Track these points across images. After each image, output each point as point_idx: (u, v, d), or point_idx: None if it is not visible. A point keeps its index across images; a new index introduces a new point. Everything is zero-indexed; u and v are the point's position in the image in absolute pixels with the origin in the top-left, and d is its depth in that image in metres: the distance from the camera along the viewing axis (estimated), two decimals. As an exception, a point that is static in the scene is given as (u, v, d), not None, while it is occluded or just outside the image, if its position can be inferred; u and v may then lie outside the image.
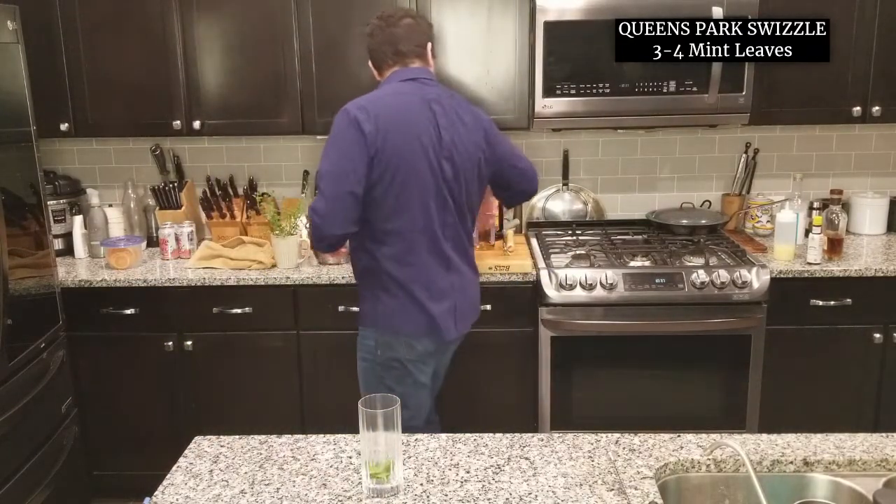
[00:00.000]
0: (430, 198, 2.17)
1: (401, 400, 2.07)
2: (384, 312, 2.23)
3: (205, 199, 3.22)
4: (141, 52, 2.98)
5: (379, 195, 2.13)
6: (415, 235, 2.17)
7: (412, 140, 2.13)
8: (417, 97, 2.19)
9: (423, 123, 2.16)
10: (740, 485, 1.50)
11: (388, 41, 2.26)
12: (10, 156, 2.45)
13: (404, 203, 2.15)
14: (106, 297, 2.89)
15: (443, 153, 2.18)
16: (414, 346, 2.24)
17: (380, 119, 2.10)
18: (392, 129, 2.11)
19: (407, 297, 2.20)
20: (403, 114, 2.15)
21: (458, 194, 2.23)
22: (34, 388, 2.46)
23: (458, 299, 2.28)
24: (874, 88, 2.95)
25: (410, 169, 2.13)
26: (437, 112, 2.18)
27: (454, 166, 2.20)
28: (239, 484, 1.48)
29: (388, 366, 2.26)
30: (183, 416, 2.98)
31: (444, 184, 2.19)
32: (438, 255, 2.21)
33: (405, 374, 2.27)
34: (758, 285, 2.76)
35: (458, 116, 2.23)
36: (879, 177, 3.37)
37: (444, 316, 2.23)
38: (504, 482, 1.47)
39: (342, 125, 2.12)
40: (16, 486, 2.31)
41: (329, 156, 2.13)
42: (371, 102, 2.16)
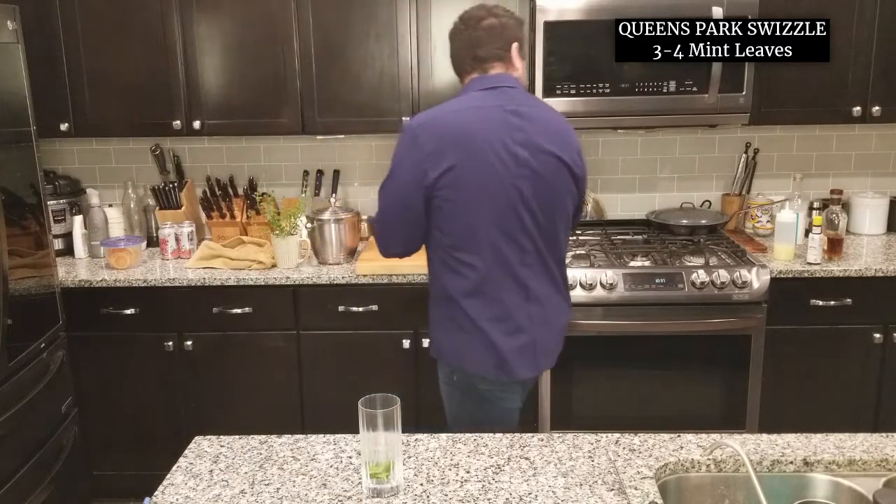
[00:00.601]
0: (503, 221, 1.92)
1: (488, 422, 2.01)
2: (449, 348, 2.02)
3: (205, 199, 3.22)
4: (141, 52, 2.98)
5: (445, 219, 1.92)
6: (485, 264, 1.93)
7: (482, 159, 1.89)
8: (494, 109, 1.94)
9: (497, 139, 1.90)
10: (740, 485, 1.50)
11: (467, 46, 2.06)
12: (10, 156, 2.45)
13: (473, 228, 1.91)
14: (106, 297, 2.89)
15: (520, 171, 1.91)
16: (487, 379, 2.01)
17: (444, 136, 1.89)
18: (459, 148, 1.88)
19: (474, 333, 1.96)
20: (474, 129, 1.91)
21: (538, 216, 1.95)
22: (34, 388, 2.46)
23: (539, 333, 2.00)
24: (874, 88, 2.95)
25: (480, 191, 1.89)
26: (514, 125, 1.92)
27: (533, 185, 1.93)
28: (239, 484, 1.48)
29: (467, 391, 2.04)
30: (183, 416, 2.98)
31: (521, 205, 1.92)
32: (514, 285, 1.95)
33: (486, 400, 2.04)
34: (758, 285, 2.76)
35: (541, 128, 1.96)
36: (879, 177, 3.37)
37: (517, 354, 1.97)
38: (504, 482, 1.47)
39: (403, 141, 1.94)
40: (16, 486, 2.31)
41: (390, 171, 1.96)
42: (436, 118, 1.95)
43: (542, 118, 2.00)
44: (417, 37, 2.94)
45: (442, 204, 1.91)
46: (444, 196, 1.90)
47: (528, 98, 2.04)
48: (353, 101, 3.00)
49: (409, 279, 2.84)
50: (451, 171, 1.88)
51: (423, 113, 2.00)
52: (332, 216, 2.98)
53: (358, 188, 3.43)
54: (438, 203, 1.91)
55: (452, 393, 2.10)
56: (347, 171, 3.39)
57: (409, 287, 2.85)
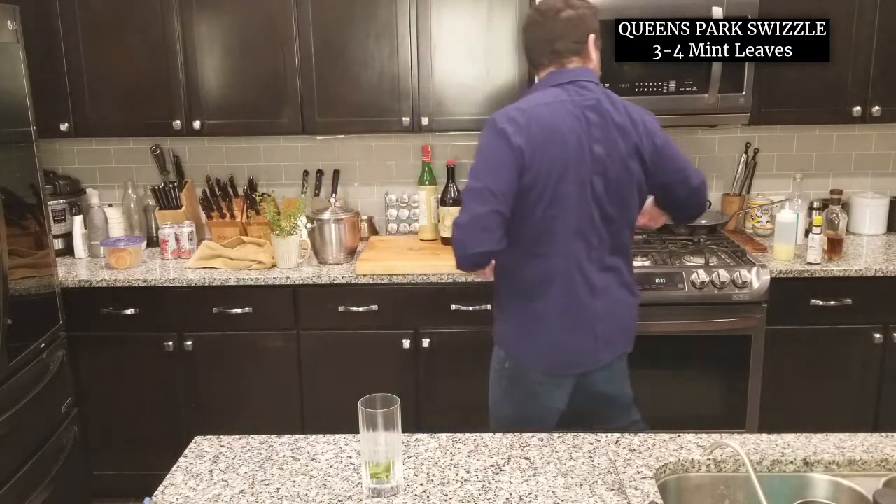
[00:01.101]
0: (575, 217, 1.95)
1: (525, 416, 2.09)
2: (510, 338, 2.09)
3: (205, 199, 3.22)
4: (141, 52, 2.98)
5: (523, 209, 1.93)
6: (554, 257, 1.97)
7: (562, 155, 1.91)
8: (571, 105, 1.95)
9: (574, 135, 1.92)
10: (740, 485, 1.50)
11: (545, 38, 2.00)
12: (10, 156, 2.45)
13: (547, 223, 1.94)
14: (106, 297, 2.89)
15: (595, 168, 1.94)
16: (538, 370, 2.07)
17: (531, 132, 1.90)
18: (543, 143, 1.90)
19: (537, 325, 2.02)
20: (553, 125, 1.92)
21: (610, 212, 1.99)
22: (34, 388, 2.46)
23: (602, 327, 2.04)
24: (874, 88, 2.95)
25: (558, 187, 1.92)
26: (591, 121, 1.94)
27: (607, 182, 1.96)
28: (239, 484, 1.48)
29: (515, 381, 2.11)
30: (183, 416, 2.98)
31: (593, 202, 1.96)
32: (581, 281, 1.99)
33: (532, 394, 2.09)
34: (758, 285, 2.76)
35: (616, 125, 1.97)
36: (879, 177, 3.37)
37: (577, 346, 2.03)
38: (504, 482, 1.47)
39: (490, 138, 1.92)
40: (16, 486, 2.31)
41: (475, 170, 1.92)
42: (522, 112, 1.93)
43: (618, 113, 1.99)
44: (417, 37, 2.94)
45: (527, 200, 1.92)
46: (532, 193, 1.92)
47: (604, 93, 2.02)
48: (353, 101, 3.00)
49: (409, 279, 2.84)
50: (534, 166, 1.90)
51: (506, 109, 1.97)
52: (332, 216, 2.98)
53: (358, 188, 3.43)
54: (525, 200, 1.92)
55: (500, 381, 2.15)
56: (347, 171, 3.39)
57: (409, 287, 2.85)
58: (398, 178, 3.41)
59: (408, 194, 3.39)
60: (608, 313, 2.05)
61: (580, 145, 1.93)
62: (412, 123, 3.01)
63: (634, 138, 1.99)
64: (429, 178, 3.20)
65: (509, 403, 2.14)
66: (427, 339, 2.89)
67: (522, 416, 2.10)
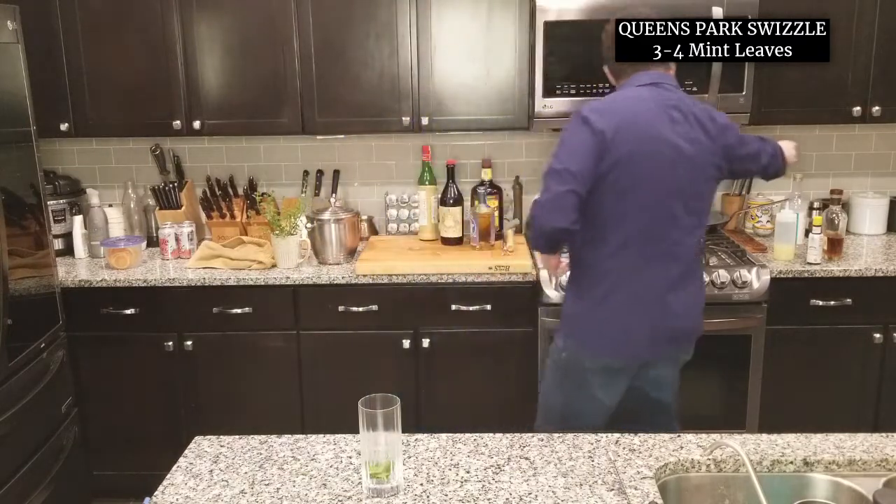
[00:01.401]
0: (656, 208, 2.05)
1: (573, 409, 2.18)
2: (575, 317, 2.18)
3: (205, 199, 3.22)
4: (141, 52, 2.98)
5: (601, 196, 2.03)
6: (632, 247, 2.06)
7: (646, 146, 2.02)
8: (656, 102, 2.08)
9: (661, 130, 2.04)
10: (740, 485, 1.50)
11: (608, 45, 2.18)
12: (10, 156, 2.45)
13: (625, 209, 2.04)
14: (106, 297, 2.89)
15: (679, 161, 2.05)
16: (597, 357, 2.14)
17: (614, 121, 2.01)
18: (626, 133, 2.01)
19: (603, 305, 2.11)
20: (640, 118, 2.04)
21: (689, 206, 2.09)
22: (34, 388, 2.46)
23: (668, 319, 2.13)
24: (874, 88, 2.95)
25: (642, 178, 2.02)
26: (675, 119, 2.06)
27: (690, 175, 2.07)
28: (239, 484, 1.48)
29: (569, 372, 2.20)
30: (183, 416, 2.98)
31: (676, 193, 2.06)
32: (656, 269, 2.09)
33: (584, 384, 2.17)
34: (758, 285, 2.76)
35: (698, 123, 2.09)
36: (879, 177, 3.37)
37: (640, 333, 2.11)
38: (504, 482, 1.47)
39: (573, 126, 2.05)
40: (16, 486, 2.31)
41: (557, 154, 2.04)
42: (606, 105, 2.08)
43: (698, 112, 2.12)
44: (417, 37, 2.94)
45: (606, 187, 2.02)
46: (611, 180, 2.02)
47: (685, 96, 2.16)
48: (353, 101, 3.00)
49: (409, 279, 2.84)
50: (621, 157, 2.00)
51: (593, 102, 2.09)
52: (332, 216, 2.98)
53: (358, 188, 3.43)
54: (603, 187, 2.02)
55: (556, 370, 2.26)
56: (347, 171, 3.39)
57: (409, 287, 2.85)
58: (398, 178, 3.41)
59: (408, 194, 3.39)
60: (678, 309, 2.14)
61: (663, 140, 2.04)
62: (412, 123, 3.01)
63: (713, 136, 2.11)
64: (429, 178, 3.20)
65: (560, 395, 2.23)
66: (427, 339, 2.89)
67: (571, 408, 2.20)
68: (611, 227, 2.07)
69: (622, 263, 2.08)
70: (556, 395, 2.26)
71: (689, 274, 2.16)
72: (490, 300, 2.85)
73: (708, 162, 2.11)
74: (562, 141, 2.05)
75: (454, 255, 3.00)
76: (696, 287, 2.21)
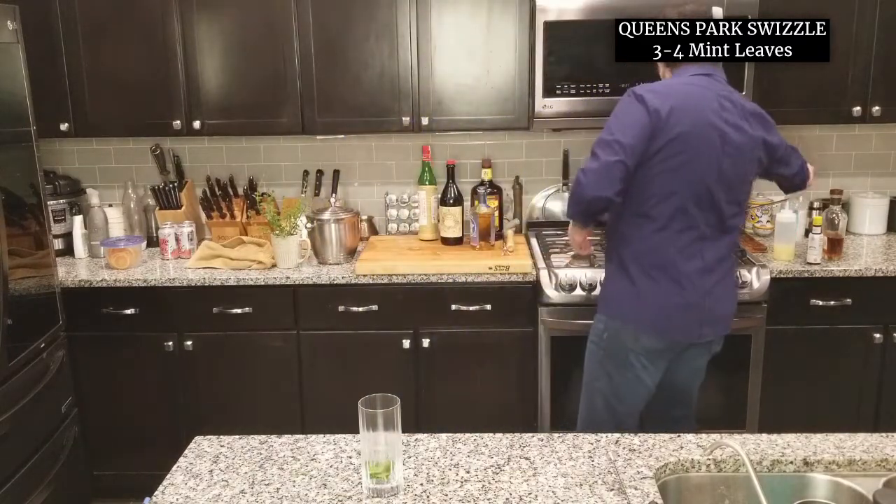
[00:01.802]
0: (700, 192, 2.11)
1: (617, 391, 2.23)
2: (617, 296, 2.22)
3: (205, 199, 3.22)
4: (141, 52, 2.98)
5: (648, 174, 2.10)
6: (674, 229, 2.12)
7: (698, 129, 2.09)
8: (709, 90, 2.15)
9: (713, 116, 2.11)
10: (740, 485, 1.50)
11: None
12: (10, 156, 2.45)
13: (671, 189, 2.10)
14: (106, 297, 2.89)
15: (726, 149, 2.12)
16: (639, 338, 2.19)
17: (669, 102, 2.07)
18: (679, 114, 2.07)
19: (646, 285, 2.16)
20: (694, 103, 2.11)
21: (731, 193, 2.16)
22: (34, 388, 2.46)
23: (710, 303, 2.18)
24: (874, 88, 2.95)
25: (689, 156, 2.08)
26: (727, 108, 2.13)
27: (734, 163, 2.14)
28: (239, 484, 1.48)
29: (611, 353, 2.24)
30: (183, 416, 2.98)
31: (719, 180, 2.12)
32: (695, 251, 2.15)
33: (626, 364, 2.22)
34: (758, 285, 2.76)
35: (746, 115, 2.18)
36: (879, 177, 3.37)
37: (681, 313, 2.17)
38: (504, 482, 1.47)
39: (627, 101, 2.12)
40: (16, 486, 2.31)
41: (609, 126, 2.10)
42: (662, 86, 2.17)
43: (746, 106, 2.21)
44: (417, 37, 2.94)
45: (654, 166, 2.08)
46: (660, 159, 2.08)
47: (733, 90, 2.23)
48: (353, 101, 3.00)
49: (409, 279, 2.84)
50: (673, 137, 2.06)
51: (645, 84, 2.15)
52: (332, 216, 2.98)
53: (358, 188, 3.43)
54: (651, 165, 2.08)
55: (597, 352, 2.29)
56: (347, 171, 3.39)
57: (408, 287, 2.85)
58: (398, 178, 3.41)
59: (408, 194, 3.39)
60: (717, 292, 2.19)
61: (713, 125, 2.10)
62: (412, 123, 3.01)
63: (761, 130, 2.20)
64: (429, 178, 3.20)
65: (604, 376, 2.25)
66: (427, 339, 2.89)
67: (615, 390, 2.24)
68: (657, 204, 2.12)
69: (665, 241, 2.13)
70: (601, 377, 2.28)
71: (727, 259, 2.23)
72: (490, 300, 2.85)
73: (752, 153, 2.18)
74: (615, 115, 2.12)
75: (454, 255, 3.00)
76: (732, 273, 2.30)
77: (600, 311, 2.29)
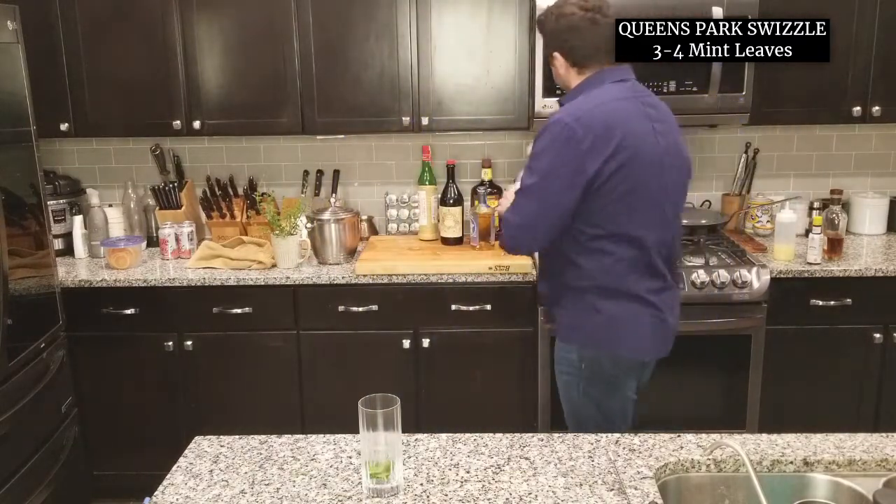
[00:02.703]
0: (651, 211, 1.98)
1: (607, 414, 2.12)
2: (589, 328, 2.05)
3: (205, 199, 3.22)
4: (141, 52, 2.98)
5: (596, 209, 1.94)
6: (630, 251, 1.98)
7: (637, 150, 1.92)
8: (634, 102, 1.99)
9: (645, 131, 1.96)
10: (740, 485, 1.50)
11: (605, 38, 2.04)
12: (10, 156, 2.45)
13: (622, 217, 1.96)
14: (106, 297, 2.89)
15: (664, 162, 1.98)
16: (619, 362, 2.06)
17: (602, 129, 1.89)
18: (616, 139, 1.89)
19: (618, 311, 2.01)
20: (626, 121, 1.94)
21: (675, 207, 2.07)
22: (34, 388, 2.46)
23: (670, 318, 2.08)
24: (874, 88, 2.95)
25: (634, 181, 1.93)
26: (652, 117, 2.00)
27: (673, 177, 2.02)
28: (239, 484, 1.48)
29: (592, 380, 2.09)
30: (183, 416, 2.98)
31: (664, 196, 2.01)
32: (654, 272, 2.03)
33: (613, 388, 2.10)
34: (758, 285, 2.76)
35: (669, 121, 2.06)
36: (879, 177, 3.37)
37: (653, 335, 2.06)
38: (504, 482, 1.47)
39: (556, 139, 1.92)
40: (16, 486, 2.31)
41: (538, 169, 1.93)
42: (589, 112, 1.93)
43: (666, 111, 2.08)
44: (417, 37, 2.94)
45: (597, 195, 1.92)
46: (601, 187, 1.91)
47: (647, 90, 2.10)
48: (353, 101, 3.00)
49: (409, 279, 2.84)
50: (610, 162, 1.89)
51: (570, 108, 1.96)
52: (332, 216, 2.98)
53: (358, 188, 3.43)
54: (593, 195, 1.92)
55: (576, 383, 2.11)
56: (347, 171, 3.39)
57: (408, 287, 2.85)
58: (398, 178, 3.41)
59: (408, 194, 3.39)
60: (673, 305, 2.11)
61: (651, 141, 1.96)
62: (412, 123, 3.01)
63: (679, 134, 2.08)
64: (429, 178, 3.20)
65: (590, 403, 2.12)
66: (427, 339, 2.89)
67: (605, 412, 2.11)
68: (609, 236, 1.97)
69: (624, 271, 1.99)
70: (588, 406, 2.14)
71: (676, 276, 2.15)
72: (490, 300, 2.85)
73: (684, 159, 2.07)
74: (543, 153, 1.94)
75: (454, 255, 3.00)
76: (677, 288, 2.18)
77: (567, 341, 2.10)
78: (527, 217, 1.97)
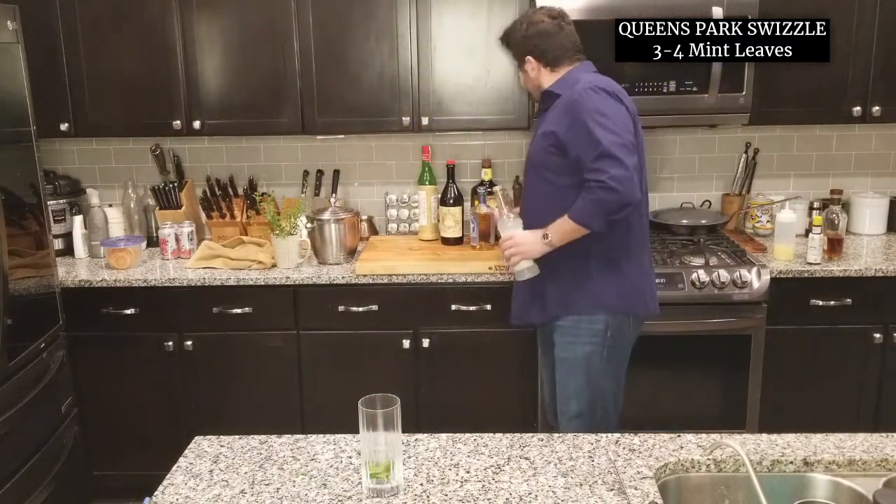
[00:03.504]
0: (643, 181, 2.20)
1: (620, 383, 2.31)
2: (616, 292, 2.23)
3: (205, 199, 3.22)
4: (141, 52, 2.98)
5: None
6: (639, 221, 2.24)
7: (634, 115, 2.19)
8: None
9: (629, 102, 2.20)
10: (740, 485, 1.50)
11: (571, 39, 2.29)
12: (10, 156, 2.45)
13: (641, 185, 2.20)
14: (106, 297, 2.89)
15: (640, 140, 2.21)
16: (637, 324, 2.30)
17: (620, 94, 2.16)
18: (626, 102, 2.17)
19: (639, 277, 2.26)
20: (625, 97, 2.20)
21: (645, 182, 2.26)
22: (34, 388, 2.46)
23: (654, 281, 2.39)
24: (874, 88, 2.95)
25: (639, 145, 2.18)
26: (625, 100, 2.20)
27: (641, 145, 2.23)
28: (239, 484, 1.48)
29: (615, 350, 2.27)
30: (183, 416, 2.98)
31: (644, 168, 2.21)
32: (646, 240, 2.31)
33: (626, 354, 2.31)
34: (758, 285, 2.76)
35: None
36: (879, 177, 3.37)
37: (653, 295, 2.32)
38: (504, 482, 1.47)
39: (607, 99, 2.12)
40: (16, 486, 2.31)
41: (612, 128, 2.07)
42: (601, 81, 2.18)
43: None
44: (417, 37, 2.94)
45: None
46: None
47: None
48: (353, 101, 3.00)
49: (409, 279, 2.84)
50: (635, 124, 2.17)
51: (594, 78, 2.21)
52: (332, 216, 2.98)
53: (358, 188, 3.43)
54: None
55: (600, 352, 2.25)
56: (347, 171, 3.39)
57: (408, 287, 2.85)
58: (398, 178, 3.41)
59: (408, 194, 3.39)
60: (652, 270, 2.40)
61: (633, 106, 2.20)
62: (412, 123, 3.01)
63: None
64: (429, 178, 3.20)
65: (611, 374, 2.28)
66: (427, 339, 2.89)
67: (620, 382, 2.32)
68: None
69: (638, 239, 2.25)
70: (608, 376, 2.28)
71: None
72: (490, 300, 2.85)
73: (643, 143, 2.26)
74: (604, 115, 2.08)
75: (454, 255, 3.00)
76: None
77: (593, 312, 2.23)
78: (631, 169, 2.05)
